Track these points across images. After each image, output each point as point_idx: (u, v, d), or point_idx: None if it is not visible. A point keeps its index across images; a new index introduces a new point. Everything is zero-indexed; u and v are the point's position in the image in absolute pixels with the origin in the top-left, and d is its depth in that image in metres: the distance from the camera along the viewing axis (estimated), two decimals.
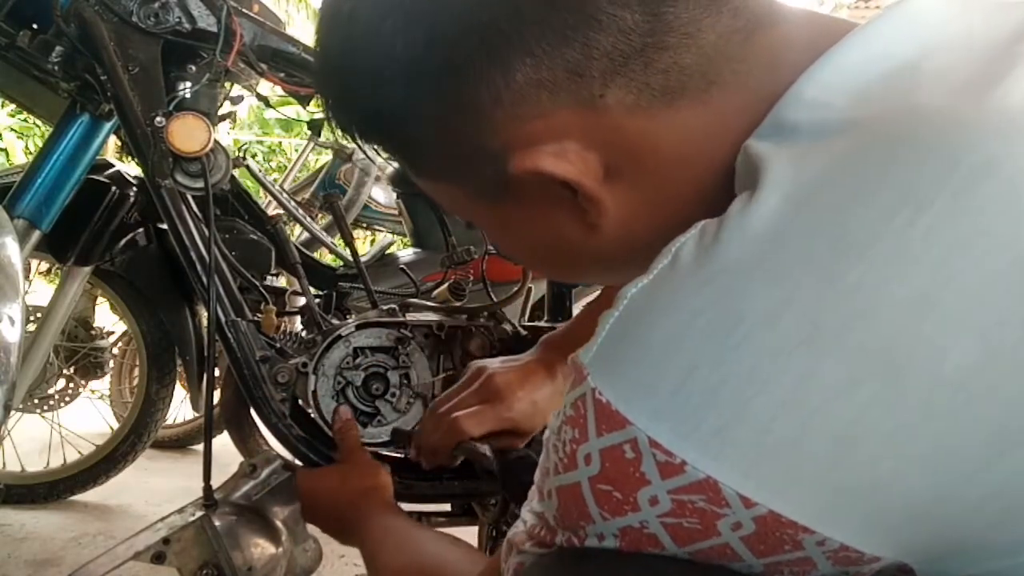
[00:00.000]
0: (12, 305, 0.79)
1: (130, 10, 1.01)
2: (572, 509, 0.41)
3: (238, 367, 1.00)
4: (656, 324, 0.37)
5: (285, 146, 8.04)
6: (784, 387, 0.34)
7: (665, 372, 0.36)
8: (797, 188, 0.36)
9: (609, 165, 0.44)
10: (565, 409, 0.41)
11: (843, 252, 0.34)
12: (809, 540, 0.36)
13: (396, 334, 1.04)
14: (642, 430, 0.37)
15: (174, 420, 2.27)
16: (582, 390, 0.40)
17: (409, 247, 2.25)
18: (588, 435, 0.39)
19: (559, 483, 0.41)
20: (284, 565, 0.92)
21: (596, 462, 0.39)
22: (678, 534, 0.38)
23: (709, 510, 0.36)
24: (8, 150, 6.50)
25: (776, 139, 0.40)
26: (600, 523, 0.40)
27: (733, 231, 0.37)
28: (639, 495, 0.38)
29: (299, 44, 1.11)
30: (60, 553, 1.58)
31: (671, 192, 0.45)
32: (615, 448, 0.38)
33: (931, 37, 0.41)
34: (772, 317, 0.34)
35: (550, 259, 0.54)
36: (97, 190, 1.41)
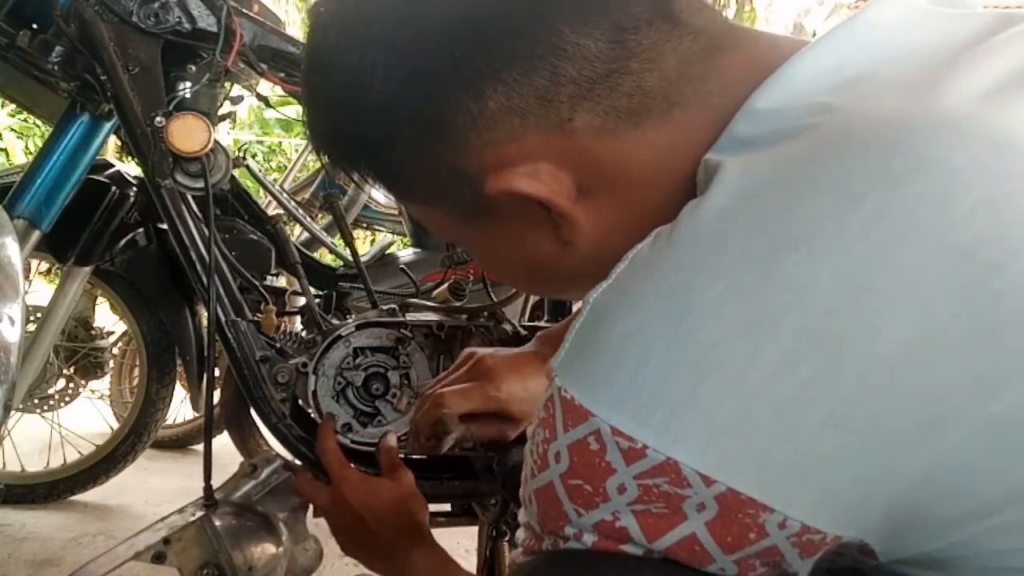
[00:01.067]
0: (12, 305, 0.79)
1: (130, 10, 1.01)
2: (550, 510, 0.42)
3: (238, 367, 1.00)
4: (615, 322, 0.40)
5: (285, 146, 8.04)
6: (728, 370, 0.36)
7: (622, 364, 0.39)
8: (742, 189, 0.39)
9: (581, 184, 0.47)
10: (539, 412, 0.43)
11: (781, 245, 0.36)
12: (771, 521, 0.37)
13: (396, 334, 1.04)
14: (604, 420, 0.39)
15: (174, 420, 2.27)
16: (550, 392, 0.42)
17: (409, 247, 2.25)
18: (557, 433, 0.41)
19: (536, 486, 0.43)
20: (284, 565, 0.92)
21: (565, 458, 0.40)
22: (647, 523, 0.39)
23: (673, 492, 0.38)
24: (8, 150, 6.51)
25: (731, 151, 0.42)
26: (576, 519, 0.41)
27: (683, 232, 0.40)
28: (607, 484, 0.39)
29: (299, 44, 1.11)
30: (60, 553, 1.58)
31: (640, 207, 0.48)
32: (581, 441, 0.40)
33: (884, 48, 0.43)
34: (715, 307, 0.37)
35: (529, 275, 0.57)
36: (97, 190, 1.42)
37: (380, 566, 0.86)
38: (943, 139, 0.36)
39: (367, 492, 0.87)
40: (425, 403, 0.89)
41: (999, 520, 0.36)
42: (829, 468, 0.36)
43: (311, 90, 0.53)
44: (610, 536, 0.40)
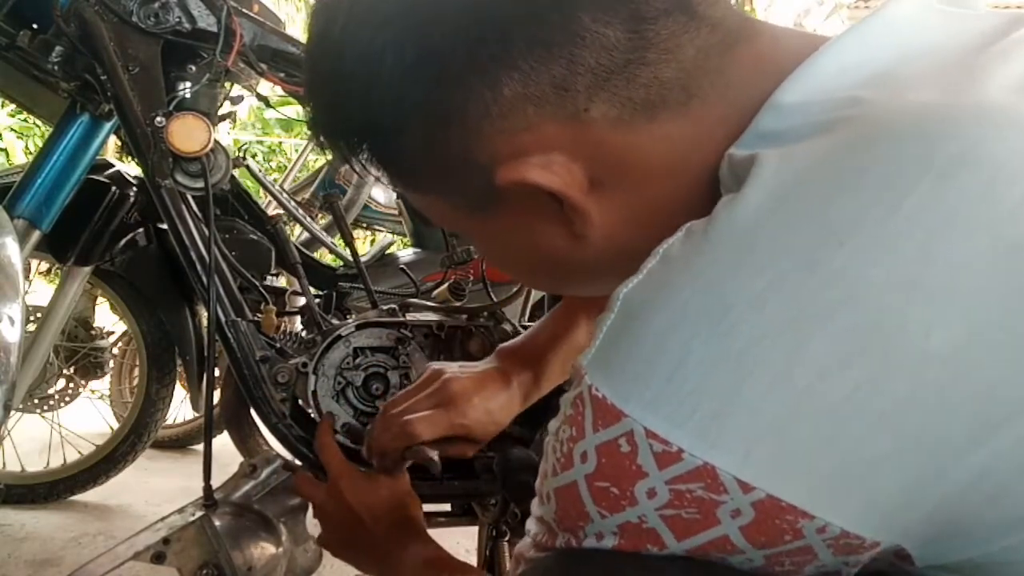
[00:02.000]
0: (12, 305, 0.79)
1: (130, 10, 1.01)
2: (570, 509, 0.41)
3: (238, 367, 1.00)
4: (649, 319, 0.38)
5: (285, 146, 8.04)
6: (772, 371, 0.35)
7: (658, 363, 0.37)
8: (780, 183, 0.38)
9: (594, 176, 0.46)
10: (564, 409, 0.42)
11: (825, 240, 0.35)
12: (809, 527, 0.36)
13: (396, 334, 1.04)
14: (637, 421, 0.37)
15: (174, 420, 2.27)
16: (579, 389, 0.40)
17: (409, 247, 2.25)
18: (584, 432, 0.39)
19: (557, 484, 0.42)
20: (284, 565, 0.92)
21: (592, 459, 0.39)
22: (677, 527, 0.38)
23: (708, 498, 0.37)
24: (8, 150, 6.51)
25: (758, 145, 0.41)
26: (598, 521, 0.40)
27: (719, 227, 0.38)
28: (636, 489, 0.38)
29: (299, 44, 1.11)
30: (60, 553, 1.58)
31: (655, 202, 0.47)
32: (611, 443, 0.38)
33: (906, 45, 0.42)
34: (758, 304, 0.35)
35: (536, 269, 0.55)
36: (97, 190, 1.42)
37: (374, 567, 0.86)
38: (986, 132, 0.35)
39: (365, 489, 0.87)
40: (391, 429, 0.88)
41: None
42: (876, 474, 0.35)
43: (316, 73, 0.51)
44: (635, 538, 0.39)
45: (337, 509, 0.88)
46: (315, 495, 0.92)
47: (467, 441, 0.89)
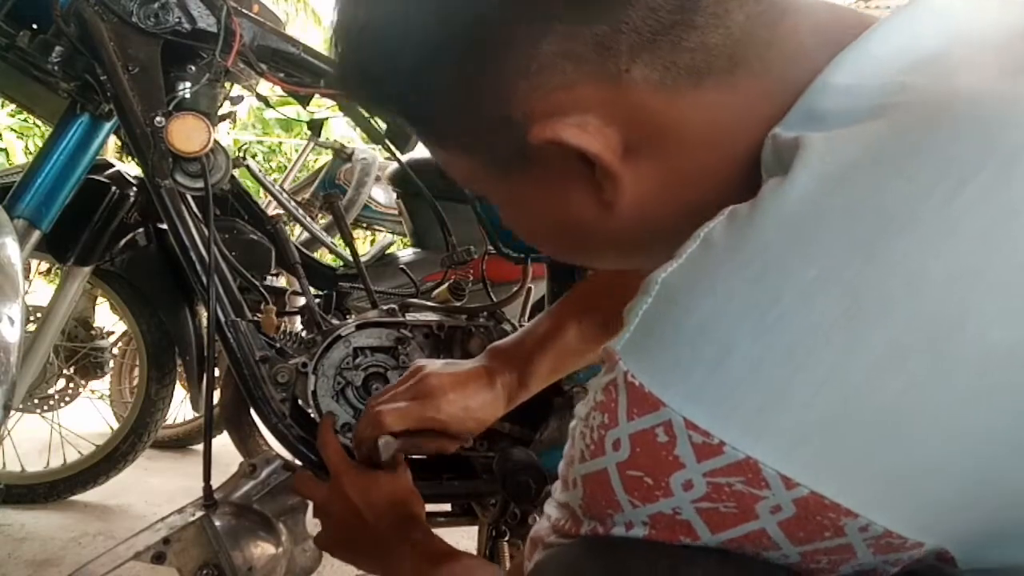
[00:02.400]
0: (12, 305, 0.79)
1: (130, 10, 1.01)
2: (599, 497, 0.40)
3: (238, 367, 1.00)
4: (691, 306, 0.37)
5: (285, 146, 8.04)
6: (825, 363, 0.34)
7: (701, 352, 0.36)
8: (831, 168, 0.36)
9: (629, 142, 0.44)
10: (595, 395, 0.41)
11: (882, 228, 0.34)
12: (851, 525, 0.35)
13: (396, 334, 1.04)
14: (677, 411, 0.36)
15: (174, 420, 2.27)
16: (613, 375, 0.39)
17: (409, 247, 2.25)
18: (618, 420, 0.38)
19: (585, 471, 0.41)
20: (284, 565, 0.92)
21: (625, 448, 0.38)
22: (712, 519, 0.37)
23: (748, 492, 0.35)
24: (8, 150, 6.51)
25: (804, 126, 0.40)
26: (629, 511, 0.39)
27: (767, 212, 0.37)
28: (672, 480, 0.37)
29: (299, 44, 1.11)
30: (60, 553, 1.58)
31: (689, 174, 0.45)
32: (647, 432, 0.37)
33: (954, 30, 0.41)
34: (810, 294, 0.34)
35: (561, 238, 0.53)
36: (97, 190, 1.42)
37: (375, 565, 0.85)
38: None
39: (367, 486, 0.87)
40: (366, 417, 0.89)
41: None
42: (928, 474, 0.34)
43: (343, 18, 0.49)
44: (666, 529, 0.38)
45: (339, 507, 0.87)
46: (316, 494, 0.91)
47: (446, 437, 0.89)
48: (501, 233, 1.07)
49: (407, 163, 1.39)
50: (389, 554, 0.82)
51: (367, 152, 2.66)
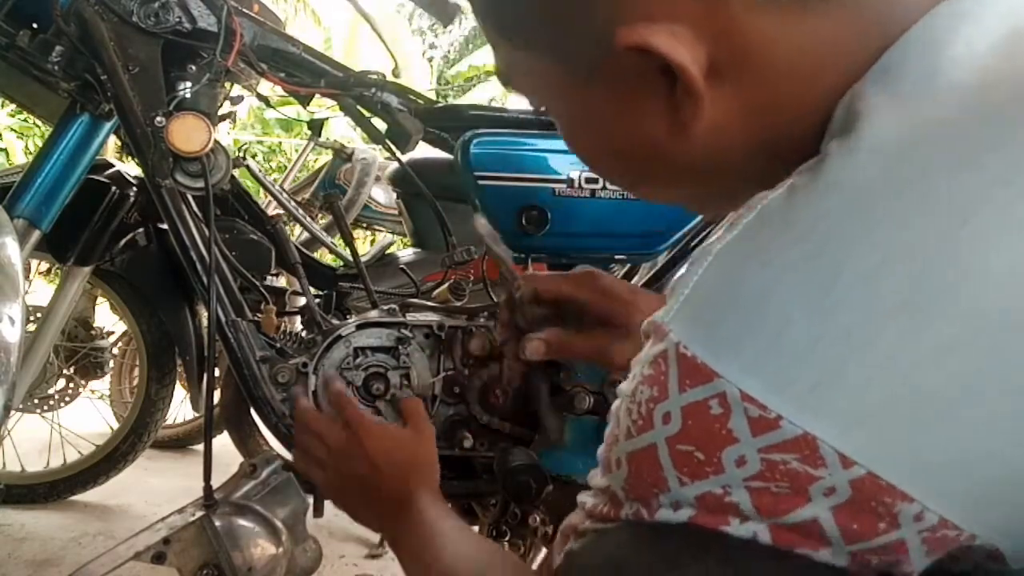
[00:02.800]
0: (12, 305, 0.79)
1: (130, 10, 1.01)
2: (645, 475, 0.39)
3: (238, 367, 1.00)
4: (746, 278, 0.36)
5: (285, 146, 8.05)
6: (884, 348, 0.33)
7: (757, 325, 0.35)
8: (898, 145, 0.36)
9: (715, 62, 0.41)
10: (641, 369, 0.40)
11: (948, 218, 0.33)
12: (907, 512, 0.34)
13: (396, 334, 1.04)
14: (732, 382, 0.35)
15: (174, 420, 2.27)
16: (663, 347, 0.38)
17: (409, 247, 2.25)
18: (668, 392, 0.37)
19: (632, 447, 0.39)
20: (284, 565, 0.92)
21: (676, 420, 0.37)
22: (764, 501, 0.36)
23: (803, 471, 0.35)
24: (8, 150, 6.51)
25: (884, 85, 0.38)
26: (676, 489, 0.38)
27: (827, 184, 0.36)
28: (724, 455, 0.36)
29: (299, 44, 1.11)
30: (60, 553, 1.58)
31: (768, 108, 0.43)
32: (700, 404, 0.36)
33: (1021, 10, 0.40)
34: (872, 275, 0.34)
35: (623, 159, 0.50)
36: (97, 190, 1.42)
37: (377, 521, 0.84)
38: None
39: (389, 443, 0.86)
40: None
41: None
42: (992, 464, 0.34)
43: None
44: (714, 511, 0.37)
45: (353, 456, 0.86)
46: (328, 433, 0.90)
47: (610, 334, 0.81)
48: (501, 233, 1.07)
49: (407, 163, 1.39)
50: (395, 515, 0.81)
51: (367, 152, 2.66)
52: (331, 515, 0.98)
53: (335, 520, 1.77)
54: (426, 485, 0.83)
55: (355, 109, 1.12)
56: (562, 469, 1.02)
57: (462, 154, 1.06)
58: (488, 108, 1.21)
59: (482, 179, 1.06)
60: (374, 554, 1.67)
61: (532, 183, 1.06)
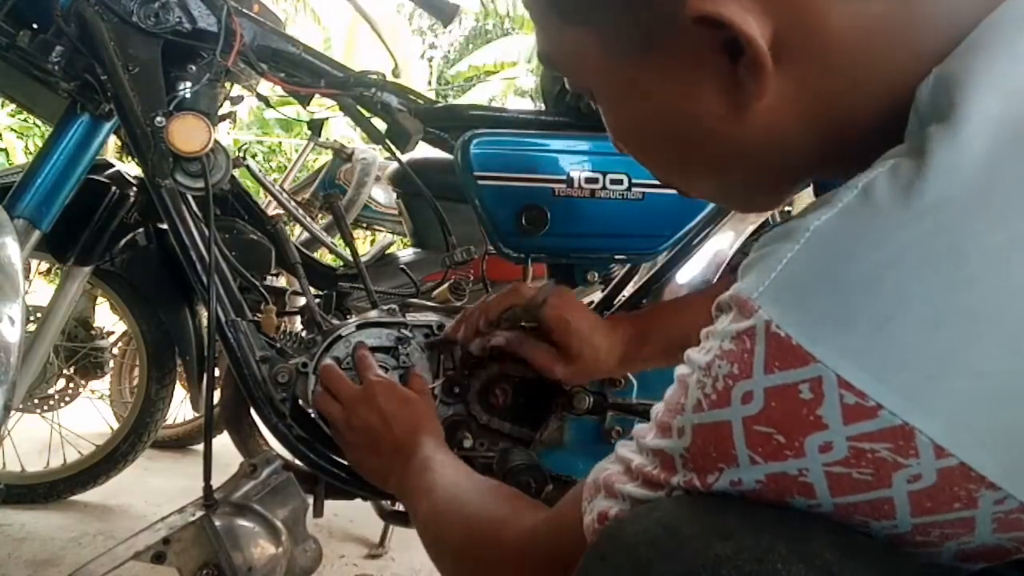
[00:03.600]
0: (12, 305, 0.79)
1: (130, 10, 1.01)
2: (712, 449, 0.38)
3: (238, 367, 1.00)
4: (856, 257, 0.35)
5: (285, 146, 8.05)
6: (1009, 333, 0.32)
7: (866, 308, 0.34)
8: (1007, 122, 0.34)
9: (781, 39, 0.40)
10: (720, 342, 0.38)
11: None
12: (988, 497, 0.34)
13: (396, 334, 1.04)
14: (830, 367, 0.34)
15: (174, 420, 2.27)
16: (750, 323, 0.36)
17: (409, 247, 2.25)
18: (752, 371, 0.36)
19: (701, 420, 0.38)
20: (284, 565, 0.92)
21: (758, 401, 0.36)
22: (841, 484, 0.35)
23: (891, 460, 0.34)
24: (8, 150, 6.52)
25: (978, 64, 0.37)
26: (745, 467, 0.37)
27: (942, 167, 0.34)
28: (808, 440, 0.35)
29: (299, 44, 1.11)
30: (60, 553, 1.58)
31: (832, 94, 0.41)
32: (788, 388, 0.35)
33: None
34: (999, 259, 0.32)
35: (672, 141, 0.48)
36: (97, 190, 1.41)
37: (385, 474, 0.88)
38: None
39: (399, 400, 0.92)
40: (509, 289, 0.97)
41: None
42: None
43: None
44: (783, 489, 0.36)
45: (367, 410, 0.91)
46: (344, 390, 0.95)
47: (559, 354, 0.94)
48: (501, 233, 1.07)
49: (407, 163, 1.39)
50: (401, 461, 0.85)
51: (367, 152, 2.66)
52: (331, 515, 0.98)
53: (335, 520, 1.78)
54: (431, 435, 0.88)
55: (355, 109, 1.12)
56: (562, 469, 1.02)
57: (462, 154, 1.06)
58: (488, 108, 1.21)
59: (482, 179, 1.06)
60: (374, 554, 1.66)
61: (532, 183, 1.06)
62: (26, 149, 6.60)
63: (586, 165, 1.07)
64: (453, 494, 0.73)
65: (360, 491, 1.03)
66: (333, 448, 1.01)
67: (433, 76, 13.41)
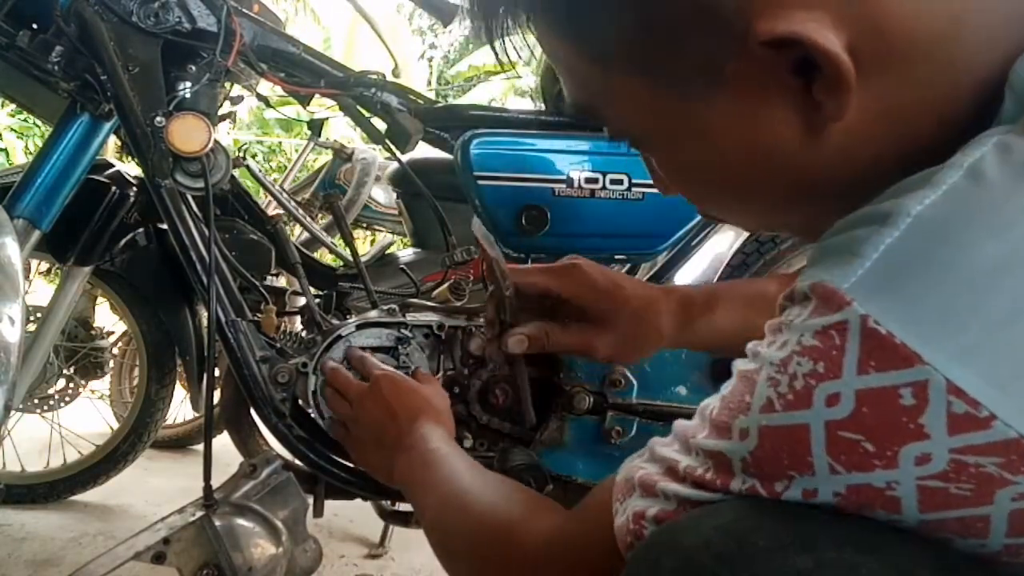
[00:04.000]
0: (12, 305, 0.79)
1: (130, 10, 1.01)
2: (784, 455, 0.34)
3: (238, 367, 1.00)
4: (970, 246, 0.31)
5: (285, 146, 8.05)
6: None
7: (983, 306, 0.30)
8: None
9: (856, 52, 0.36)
10: (799, 337, 0.35)
11: None
12: None
13: (396, 334, 1.04)
14: (939, 371, 0.30)
15: (174, 420, 2.27)
16: (842, 317, 0.33)
17: (409, 247, 2.25)
18: (842, 371, 0.33)
19: (772, 422, 0.35)
20: (284, 565, 0.92)
21: (847, 404, 0.32)
22: (934, 500, 0.32)
23: (998, 476, 0.31)
24: (8, 150, 6.52)
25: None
26: (822, 476, 0.34)
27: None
28: (903, 451, 0.31)
29: (299, 44, 1.11)
30: (60, 553, 1.58)
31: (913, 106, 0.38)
32: (886, 391, 0.32)
33: None
34: None
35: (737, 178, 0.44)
36: (97, 190, 1.41)
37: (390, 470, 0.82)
38: None
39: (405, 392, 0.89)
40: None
41: None
42: None
43: None
44: (864, 502, 0.33)
45: (373, 404, 0.88)
46: (350, 387, 0.93)
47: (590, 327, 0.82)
48: (501, 233, 1.07)
49: (407, 163, 1.39)
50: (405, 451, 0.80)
51: (367, 152, 2.66)
52: (331, 515, 0.98)
53: (335, 520, 1.78)
54: (438, 423, 0.84)
55: (355, 109, 1.12)
56: (562, 469, 1.02)
57: (462, 154, 1.06)
58: (488, 108, 1.21)
59: (482, 179, 1.06)
60: (374, 554, 1.66)
61: (532, 183, 1.06)
62: (26, 149, 6.61)
63: (586, 165, 1.07)
64: (461, 490, 0.68)
65: (360, 491, 1.03)
66: (333, 448, 1.01)
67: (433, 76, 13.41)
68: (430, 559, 0.70)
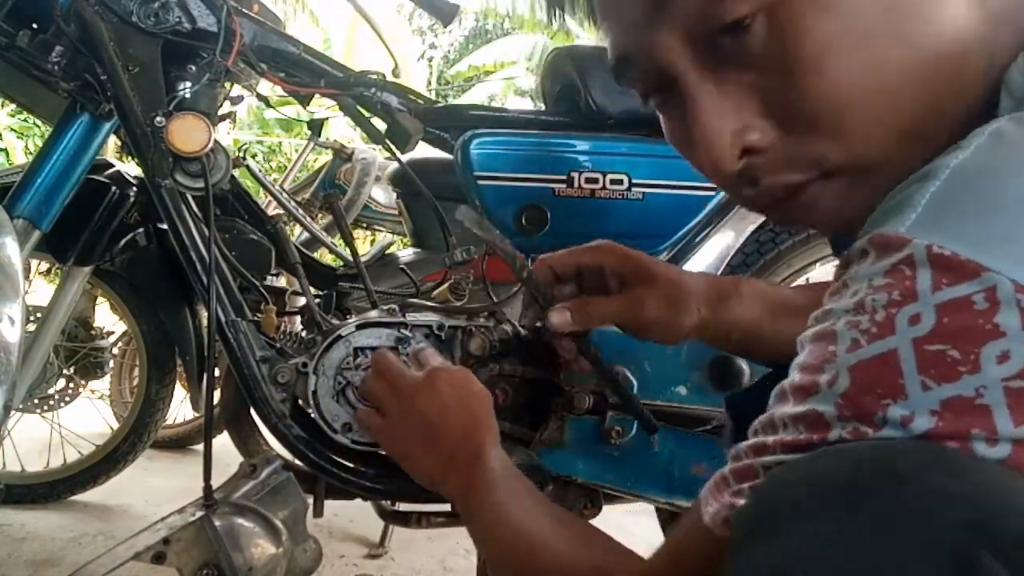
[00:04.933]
0: (12, 305, 0.79)
1: (130, 10, 1.01)
2: (876, 384, 0.36)
3: (238, 367, 1.00)
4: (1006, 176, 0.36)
5: (285, 146, 8.05)
6: None
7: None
8: None
9: None
10: (867, 282, 0.38)
11: None
12: None
13: (396, 334, 1.03)
14: (1004, 274, 0.34)
15: (174, 420, 2.27)
16: (905, 253, 0.36)
17: (409, 247, 2.25)
18: (918, 294, 0.36)
19: (859, 358, 0.37)
20: (284, 565, 0.92)
21: (929, 319, 0.35)
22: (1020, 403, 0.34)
23: None
24: (8, 150, 6.52)
25: None
26: (916, 395, 0.35)
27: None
28: (984, 351, 0.34)
29: (299, 44, 1.11)
30: (60, 553, 1.58)
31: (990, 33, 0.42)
32: (962, 300, 0.35)
33: None
34: None
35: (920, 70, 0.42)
36: (97, 190, 1.42)
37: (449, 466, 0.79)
38: None
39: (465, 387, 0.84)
40: None
41: None
42: None
43: None
44: (960, 417, 0.34)
45: (428, 400, 0.83)
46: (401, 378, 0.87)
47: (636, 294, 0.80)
48: (502, 233, 1.07)
49: (407, 163, 1.39)
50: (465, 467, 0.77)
51: (367, 152, 2.66)
52: (331, 515, 0.98)
53: (335, 520, 1.78)
54: (494, 441, 0.80)
55: (355, 109, 1.12)
56: (562, 469, 1.02)
57: (462, 154, 1.06)
58: (488, 108, 1.21)
59: (482, 179, 1.06)
60: (374, 554, 1.66)
61: (532, 183, 1.06)
62: (26, 149, 6.61)
63: (586, 165, 1.07)
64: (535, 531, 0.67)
65: (360, 491, 1.03)
66: (333, 448, 1.01)
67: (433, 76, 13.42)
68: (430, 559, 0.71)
